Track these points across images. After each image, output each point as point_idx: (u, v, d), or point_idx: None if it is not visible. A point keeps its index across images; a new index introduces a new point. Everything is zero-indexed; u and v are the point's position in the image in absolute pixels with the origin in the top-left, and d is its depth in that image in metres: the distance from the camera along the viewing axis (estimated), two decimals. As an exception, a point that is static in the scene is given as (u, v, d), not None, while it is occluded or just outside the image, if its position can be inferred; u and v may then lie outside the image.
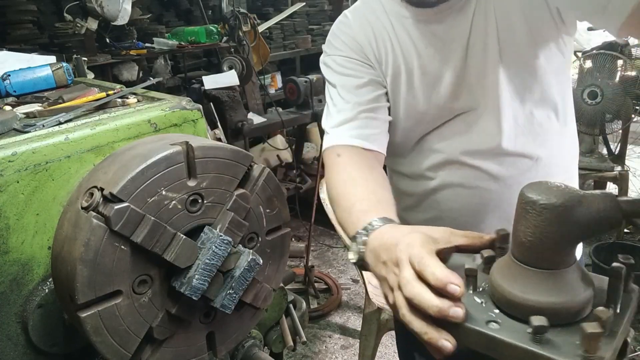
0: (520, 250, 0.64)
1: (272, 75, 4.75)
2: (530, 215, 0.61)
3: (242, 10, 3.65)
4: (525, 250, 0.63)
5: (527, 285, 0.62)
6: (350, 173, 1.04)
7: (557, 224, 0.60)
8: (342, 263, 3.56)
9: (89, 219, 0.80)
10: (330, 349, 2.76)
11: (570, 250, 0.63)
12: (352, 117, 1.10)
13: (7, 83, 1.30)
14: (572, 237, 0.61)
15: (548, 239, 0.60)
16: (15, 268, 0.95)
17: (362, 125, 1.10)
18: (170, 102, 1.19)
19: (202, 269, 0.87)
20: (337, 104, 1.14)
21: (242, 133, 3.25)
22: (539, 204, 0.60)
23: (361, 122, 1.10)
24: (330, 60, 1.18)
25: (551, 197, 0.60)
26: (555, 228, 0.60)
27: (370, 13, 1.15)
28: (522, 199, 0.62)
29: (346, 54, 1.15)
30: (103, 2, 2.96)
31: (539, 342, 0.57)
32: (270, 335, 1.33)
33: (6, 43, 3.16)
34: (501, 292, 0.64)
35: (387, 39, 1.12)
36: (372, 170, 1.06)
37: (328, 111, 1.17)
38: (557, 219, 0.60)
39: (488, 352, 0.61)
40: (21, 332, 0.97)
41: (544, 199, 0.60)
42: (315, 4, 5.24)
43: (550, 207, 0.59)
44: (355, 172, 1.04)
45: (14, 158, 0.93)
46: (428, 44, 1.08)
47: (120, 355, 0.86)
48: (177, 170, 0.87)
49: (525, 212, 0.62)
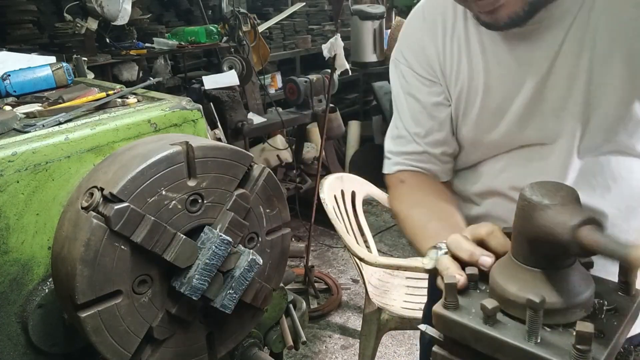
0: (519, 250, 0.64)
1: (272, 75, 4.75)
2: (527, 214, 0.61)
3: (242, 10, 3.65)
4: (524, 250, 0.63)
5: (526, 284, 0.62)
6: (418, 198, 1.06)
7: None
8: (342, 263, 3.56)
9: (89, 219, 0.80)
10: (330, 349, 2.76)
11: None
12: (419, 151, 1.08)
13: (7, 83, 1.30)
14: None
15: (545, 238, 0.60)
16: (15, 268, 0.95)
17: (428, 160, 1.08)
18: (170, 102, 1.19)
19: (202, 269, 0.87)
20: (404, 124, 1.10)
21: (242, 133, 3.25)
22: (537, 203, 0.60)
23: (428, 157, 1.08)
24: (398, 70, 1.10)
25: (549, 197, 0.60)
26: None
27: (449, 10, 1.01)
28: (521, 197, 0.62)
29: (414, 68, 1.07)
30: (103, 2, 2.96)
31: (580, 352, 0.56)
32: (270, 335, 1.33)
33: (6, 43, 3.16)
34: (500, 291, 0.64)
35: (457, 50, 1.01)
36: (440, 193, 1.06)
37: (395, 125, 1.13)
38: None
39: (483, 350, 0.62)
40: (21, 332, 0.97)
41: (542, 198, 0.60)
42: (315, 4, 5.24)
43: (547, 207, 0.59)
44: (422, 197, 1.05)
45: (14, 158, 0.93)
46: (501, 61, 0.96)
47: (120, 355, 0.86)
48: (177, 170, 0.87)
49: (523, 211, 0.62)
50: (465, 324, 0.62)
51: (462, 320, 0.62)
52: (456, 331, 0.63)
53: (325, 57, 2.96)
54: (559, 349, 0.57)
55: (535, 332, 0.58)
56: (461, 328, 0.62)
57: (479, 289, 0.68)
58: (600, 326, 0.59)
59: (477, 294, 0.67)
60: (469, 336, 0.62)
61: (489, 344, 0.61)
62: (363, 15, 4.14)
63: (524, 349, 0.57)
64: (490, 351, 0.61)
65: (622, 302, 0.64)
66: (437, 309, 0.64)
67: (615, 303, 0.64)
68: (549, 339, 0.58)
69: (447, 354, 0.66)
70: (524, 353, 0.57)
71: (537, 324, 0.57)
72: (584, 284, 0.63)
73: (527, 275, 0.63)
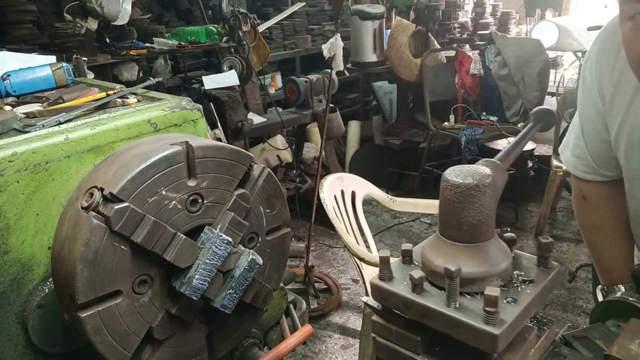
0: (444, 227, 0.72)
1: (272, 75, 4.74)
2: (447, 194, 0.69)
3: (242, 10, 3.65)
4: (447, 226, 0.71)
5: (448, 257, 0.69)
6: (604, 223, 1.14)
7: (467, 202, 0.68)
8: (342, 263, 3.56)
9: (89, 219, 0.80)
10: (330, 349, 2.76)
11: (486, 225, 0.70)
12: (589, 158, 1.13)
13: (7, 83, 1.30)
14: (484, 213, 0.69)
15: (462, 215, 0.68)
16: (15, 268, 0.95)
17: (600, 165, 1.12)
18: (170, 102, 1.19)
19: (202, 269, 0.87)
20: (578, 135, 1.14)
21: (242, 133, 3.25)
22: (452, 183, 0.68)
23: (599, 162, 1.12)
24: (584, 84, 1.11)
25: (461, 178, 0.69)
26: (466, 205, 0.68)
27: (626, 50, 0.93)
28: (442, 180, 0.71)
29: (593, 90, 1.08)
30: (103, 2, 2.96)
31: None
32: (270, 335, 1.33)
33: (6, 43, 3.15)
34: (428, 264, 0.72)
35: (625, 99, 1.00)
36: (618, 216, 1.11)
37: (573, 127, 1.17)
38: (466, 198, 0.68)
39: (412, 316, 0.70)
40: (21, 332, 0.97)
41: (456, 180, 0.69)
42: (315, 4, 5.24)
43: (462, 186, 0.68)
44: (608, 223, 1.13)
45: (14, 158, 0.93)
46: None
47: (120, 355, 0.86)
48: (177, 170, 0.87)
49: (443, 191, 0.70)
50: (397, 293, 0.70)
51: (393, 290, 0.71)
52: (389, 300, 0.72)
53: (325, 57, 2.96)
54: (474, 313, 0.64)
55: (454, 298, 0.66)
56: (393, 297, 0.71)
57: (414, 264, 0.76)
58: (514, 294, 0.68)
59: (412, 267, 0.76)
60: (400, 304, 0.70)
61: (417, 311, 0.69)
62: (363, 15, 4.14)
63: (444, 313, 0.65)
64: (418, 317, 0.69)
65: (539, 275, 0.73)
66: (373, 281, 0.73)
67: (532, 276, 0.72)
68: (467, 304, 0.66)
69: (384, 321, 0.74)
70: (445, 317, 0.65)
71: (455, 291, 0.66)
72: (501, 256, 0.71)
73: (451, 249, 0.71)
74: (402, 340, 0.72)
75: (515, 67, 3.96)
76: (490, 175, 0.69)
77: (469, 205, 0.68)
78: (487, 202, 0.69)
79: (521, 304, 0.66)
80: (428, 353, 0.70)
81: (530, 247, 3.55)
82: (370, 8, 4.21)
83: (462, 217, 0.69)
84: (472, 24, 6.31)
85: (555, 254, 3.38)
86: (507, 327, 0.63)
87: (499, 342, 0.62)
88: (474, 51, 4.25)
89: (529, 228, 3.78)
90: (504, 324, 0.62)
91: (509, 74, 4.00)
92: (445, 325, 0.66)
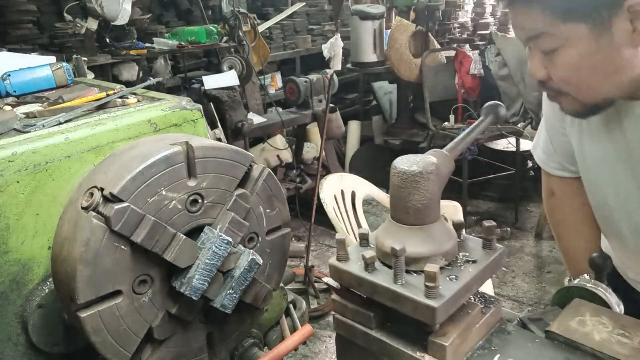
0: (395, 212, 0.78)
1: (272, 75, 4.74)
2: (395, 180, 0.76)
3: (242, 10, 3.65)
4: (396, 210, 0.77)
5: (397, 238, 0.75)
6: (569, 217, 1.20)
7: (412, 187, 0.74)
8: (342, 263, 3.56)
9: (89, 219, 0.80)
10: (330, 349, 2.76)
11: (430, 209, 0.76)
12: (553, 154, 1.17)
13: (7, 83, 1.30)
14: (428, 198, 0.75)
15: (409, 199, 0.75)
16: (15, 268, 0.95)
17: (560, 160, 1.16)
18: (170, 102, 1.19)
19: (202, 269, 0.87)
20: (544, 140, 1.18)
21: (242, 133, 3.25)
22: (399, 170, 0.75)
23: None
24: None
25: (407, 166, 0.75)
26: (411, 190, 0.74)
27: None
28: (391, 167, 0.76)
29: (553, 118, 1.11)
30: (103, 2, 2.96)
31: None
32: (270, 335, 1.33)
33: (6, 43, 3.16)
34: (379, 245, 0.78)
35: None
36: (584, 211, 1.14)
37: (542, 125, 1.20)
38: (412, 184, 0.74)
39: (364, 293, 0.76)
40: (21, 332, 0.97)
41: (402, 167, 0.75)
42: (315, 4, 5.24)
43: (407, 173, 0.74)
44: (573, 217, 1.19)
45: (14, 158, 0.93)
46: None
47: (120, 355, 0.86)
48: (177, 170, 0.87)
49: (392, 178, 0.76)
50: (350, 272, 0.77)
51: (348, 269, 0.77)
52: (345, 279, 0.78)
53: (325, 57, 2.96)
54: (417, 288, 0.70)
55: (400, 276, 0.72)
56: (348, 276, 0.77)
57: (370, 246, 0.82)
58: (457, 272, 0.75)
59: (368, 249, 0.81)
60: (354, 282, 0.77)
61: (367, 288, 0.75)
62: (363, 15, 4.14)
63: (390, 289, 0.72)
64: (369, 293, 0.75)
65: (483, 256, 0.79)
66: (331, 261, 0.80)
67: (476, 257, 0.78)
68: (412, 281, 0.72)
69: (342, 299, 0.81)
70: (391, 292, 0.72)
71: (401, 268, 0.72)
72: (445, 237, 0.77)
73: (399, 231, 0.77)
74: (357, 316, 0.79)
75: (515, 67, 3.96)
76: (435, 164, 0.75)
77: (414, 190, 0.75)
78: (430, 188, 0.75)
79: (462, 281, 0.73)
80: (380, 328, 0.77)
81: (530, 247, 3.55)
82: (370, 8, 4.21)
83: (409, 201, 0.75)
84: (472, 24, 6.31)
85: (556, 254, 3.38)
86: (447, 302, 0.69)
87: (438, 315, 0.68)
88: (474, 51, 4.25)
89: (529, 228, 3.78)
90: (443, 298, 0.68)
91: (509, 74, 4.00)
92: (391, 300, 0.72)
